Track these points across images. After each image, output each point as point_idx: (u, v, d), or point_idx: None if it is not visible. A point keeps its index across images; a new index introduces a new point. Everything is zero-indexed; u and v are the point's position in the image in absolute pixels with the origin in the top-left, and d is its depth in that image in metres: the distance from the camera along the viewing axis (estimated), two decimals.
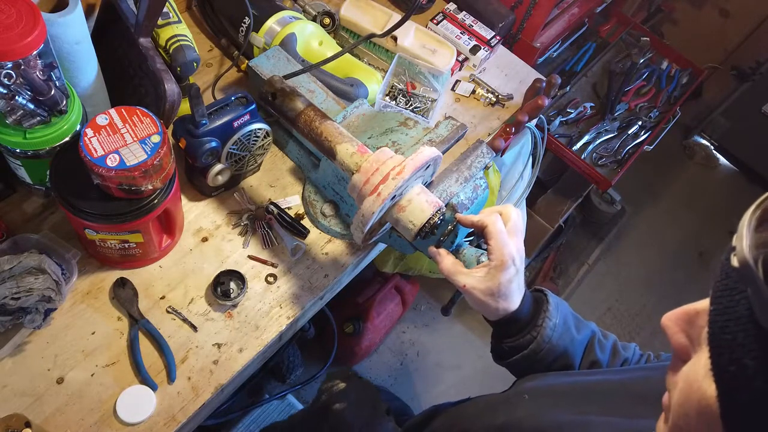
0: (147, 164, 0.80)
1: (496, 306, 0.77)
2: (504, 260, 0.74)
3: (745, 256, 0.35)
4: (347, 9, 1.29)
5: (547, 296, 0.81)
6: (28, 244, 0.90)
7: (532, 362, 0.78)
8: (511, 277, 0.76)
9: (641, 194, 2.75)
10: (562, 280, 2.35)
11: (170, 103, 0.97)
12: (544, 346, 0.78)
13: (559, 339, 0.78)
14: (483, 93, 1.34)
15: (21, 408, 0.84)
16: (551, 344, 0.78)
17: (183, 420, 0.88)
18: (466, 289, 0.77)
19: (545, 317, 0.78)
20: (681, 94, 2.04)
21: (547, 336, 0.78)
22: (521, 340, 0.78)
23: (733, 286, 0.38)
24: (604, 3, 1.93)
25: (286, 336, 1.01)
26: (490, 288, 0.75)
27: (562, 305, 0.82)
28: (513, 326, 0.80)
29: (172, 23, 1.05)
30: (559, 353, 0.79)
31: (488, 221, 0.76)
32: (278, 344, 1.01)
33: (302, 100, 0.90)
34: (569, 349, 0.79)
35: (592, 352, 0.81)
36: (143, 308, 0.94)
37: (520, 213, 0.84)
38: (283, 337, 1.00)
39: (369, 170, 0.78)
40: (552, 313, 0.79)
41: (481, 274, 0.76)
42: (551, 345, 0.78)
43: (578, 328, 0.82)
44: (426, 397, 2.12)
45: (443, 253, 0.81)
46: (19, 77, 0.77)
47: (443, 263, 0.79)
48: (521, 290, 0.79)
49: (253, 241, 1.05)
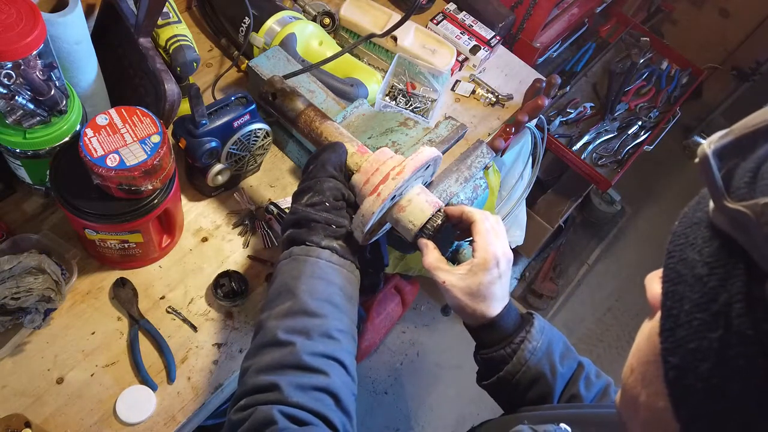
0: (147, 164, 0.80)
1: (473, 308, 0.73)
2: (487, 258, 0.72)
3: (705, 149, 0.36)
4: (347, 9, 1.29)
5: (533, 318, 0.76)
6: (28, 244, 0.90)
7: (508, 385, 0.74)
8: (493, 279, 0.72)
9: (641, 194, 2.75)
10: (562, 280, 2.35)
11: (170, 103, 0.97)
12: (519, 367, 0.72)
13: (537, 363, 0.73)
14: (483, 93, 1.34)
15: (21, 408, 0.84)
16: (528, 367, 0.73)
17: (183, 420, 0.88)
18: (445, 285, 0.73)
19: (526, 338, 0.73)
20: (681, 94, 2.04)
21: (524, 358, 0.72)
22: (495, 354, 0.74)
23: (699, 200, 0.39)
24: (604, 3, 1.93)
25: None
26: (469, 286, 0.72)
27: (552, 332, 0.77)
28: (490, 335, 0.75)
29: (172, 23, 1.05)
30: (534, 377, 0.73)
31: (476, 216, 0.74)
32: None
33: (302, 100, 0.90)
34: (548, 377, 0.74)
35: (575, 386, 0.75)
36: (143, 308, 0.94)
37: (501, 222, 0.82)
38: None
39: (369, 170, 0.78)
40: (534, 336, 0.74)
41: (462, 271, 0.73)
42: (527, 368, 0.73)
43: (563, 358, 0.76)
44: (426, 397, 2.12)
45: (431, 246, 0.77)
46: (19, 77, 0.77)
47: (427, 256, 0.76)
48: (504, 298, 0.75)
49: (253, 241, 1.05)
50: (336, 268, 0.72)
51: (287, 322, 0.67)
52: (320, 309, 0.68)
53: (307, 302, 0.68)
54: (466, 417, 2.10)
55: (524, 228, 1.74)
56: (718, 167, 0.35)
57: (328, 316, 0.68)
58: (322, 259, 0.72)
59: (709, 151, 0.35)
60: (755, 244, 0.32)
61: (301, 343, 0.65)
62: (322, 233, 0.73)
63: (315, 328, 0.67)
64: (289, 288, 0.70)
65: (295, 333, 0.66)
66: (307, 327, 0.67)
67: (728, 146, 0.35)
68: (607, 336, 2.40)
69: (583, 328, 2.41)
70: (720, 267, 0.34)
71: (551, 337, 0.76)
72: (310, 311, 0.68)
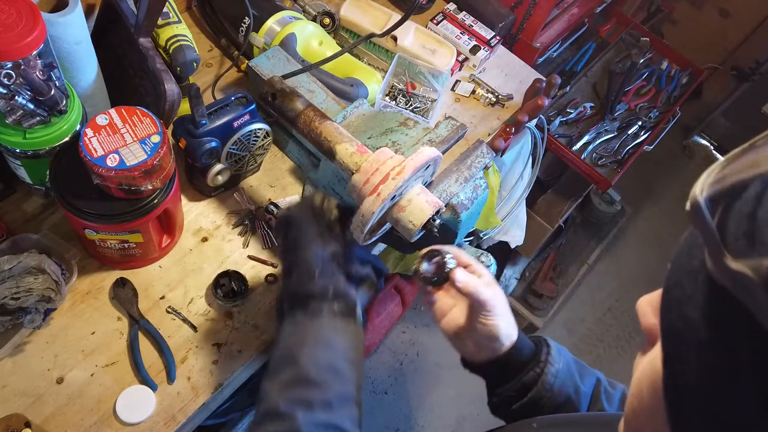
0: (147, 164, 0.80)
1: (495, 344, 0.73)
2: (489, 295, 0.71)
3: (696, 196, 0.33)
4: (347, 9, 1.29)
5: (546, 340, 0.75)
6: (28, 244, 0.90)
7: (530, 413, 0.71)
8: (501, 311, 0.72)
9: (641, 194, 2.75)
10: (562, 280, 2.35)
11: (170, 103, 0.97)
12: (545, 393, 0.71)
13: (561, 386, 0.72)
14: (483, 93, 1.34)
15: (21, 408, 0.84)
16: (553, 392, 0.71)
17: (183, 420, 0.88)
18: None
19: (548, 361, 0.72)
20: (681, 94, 2.04)
21: (548, 382, 0.71)
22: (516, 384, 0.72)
23: (693, 242, 0.36)
24: (604, 3, 1.93)
25: None
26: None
27: (564, 351, 0.76)
28: (509, 368, 0.73)
29: (172, 23, 1.05)
30: (559, 401, 0.72)
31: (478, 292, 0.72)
32: None
33: (302, 101, 0.90)
34: (573, 398, 0.72)
35: (599, 402, 0.74)
36: (143, 308, 0.94)
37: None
38: None
39: (369, 170, 0.78)
40: (554, 358, 0.73)
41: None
42: (552, 393, 0.71)
43: (582, 376, 0.75)
44: (426, 397, 2.12)
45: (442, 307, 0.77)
46: (19, 77, 0.77)
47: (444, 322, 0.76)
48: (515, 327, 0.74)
49: (253, 241, 1.05)
50: (339, 330, 0.72)
51: (288, 393, 0.68)
52: (322, 377, 0.68)
53: (308, 371, 0.68)
54: (466, 417, 2.10)
55: (524, 228, 1.74)
56: (710, 213, 0.32)
57: (331, 384, 0.68)
58: (324, 324, 0.72)
59: (701, 199, 0.33)
60: (759, 305, 0.30)
61: (302, 415, 0.65)
62: (321, 299, 0.73)
63: (316, 399, 0.67)
64: (291, 354, 0.70)
65: (296, 404, 0.66)
66: (308, 398, 0.67)
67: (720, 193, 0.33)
68: (607, 336, 2.40)
69: (583, 328, 2.41)
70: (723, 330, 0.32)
71: (567, 357, 0.75)
72: (311, 380, 0.68)
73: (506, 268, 2.28)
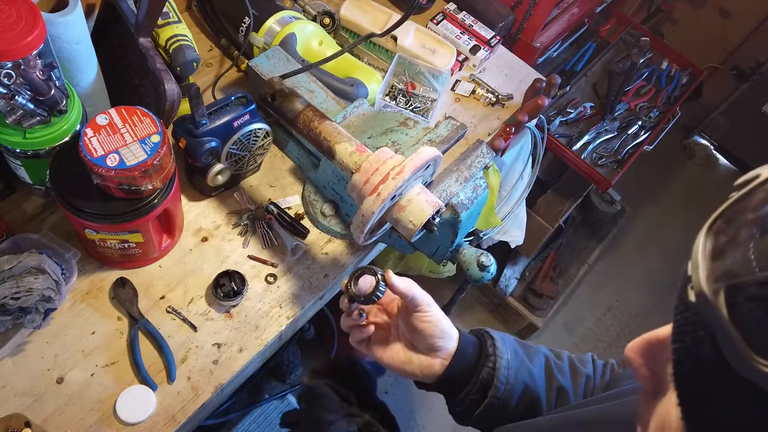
0: (147, 164, 0.80)
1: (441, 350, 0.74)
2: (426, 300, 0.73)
3: (703, 289, 0.31)
4: (347, 9, 1.29)
5: (486, 331, 0.76)
6: (28, 244, 0.90)
7: (497, 411, 0.72)
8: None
9: (641, 194, 2.75)
10: (562, 280, 2.35)
11: (170, 103, 0.97)
12: (502, 386, 0.71)
13: (516, 374, 0.72)
14: (483, 93, 1.34)
15: (21, 408, 0.84)
16: (509, 384, 0.71)
17: (183, 420, 0.88)
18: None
19: (496, 354, 0.73)
20: (681, 94, 2.04)
21: (503, 376, 0.72)
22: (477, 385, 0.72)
23: (694, 320, 0.33)
24: (604, 3, 1.93)
25: (286, 336, 1.01)
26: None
27: (507, 337, 0.76)
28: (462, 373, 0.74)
29: (172, 23, 1.05)
30: (520, 391, 0.72)
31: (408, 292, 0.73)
32: (278, 344, 1.01)
33: (301, 101, 0.90)
34: (529, 384, 0.73)
35: (554, 379, 0.75)
36: (143, 308, 0.94)
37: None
38: (283, 337, 1.00)
39: (369, 170, 0.78)
40: (501, 349, 0.73)
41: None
42: (509, 384, 0.71)
43: (530, 357, 0.75)
44: (426, 396, 2.12)
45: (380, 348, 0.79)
46: (19, 77, 0.77)
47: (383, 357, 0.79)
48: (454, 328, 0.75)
49: (253, 241, 1.05)
50: None
51: None
52: None
53: None
54: None
55: (524, 228, 1.74)
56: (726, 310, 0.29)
57: None
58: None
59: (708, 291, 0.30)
60: None
61: None
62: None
63: None
64: None
65: None
66: None
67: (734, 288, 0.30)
68: (607, 336, 2.40)
69: (583, 328, 2.41)
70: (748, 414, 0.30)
71: (510, 342, 0.76)
72: None
73: (506, 268, 2.27)
